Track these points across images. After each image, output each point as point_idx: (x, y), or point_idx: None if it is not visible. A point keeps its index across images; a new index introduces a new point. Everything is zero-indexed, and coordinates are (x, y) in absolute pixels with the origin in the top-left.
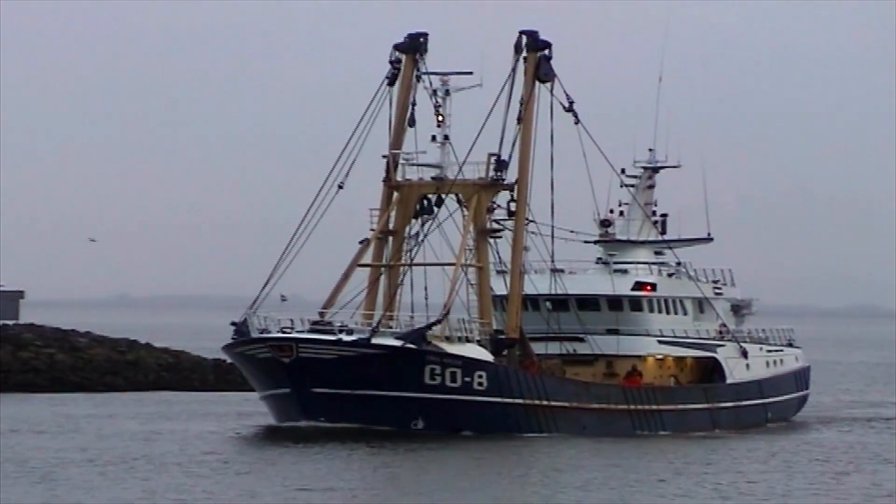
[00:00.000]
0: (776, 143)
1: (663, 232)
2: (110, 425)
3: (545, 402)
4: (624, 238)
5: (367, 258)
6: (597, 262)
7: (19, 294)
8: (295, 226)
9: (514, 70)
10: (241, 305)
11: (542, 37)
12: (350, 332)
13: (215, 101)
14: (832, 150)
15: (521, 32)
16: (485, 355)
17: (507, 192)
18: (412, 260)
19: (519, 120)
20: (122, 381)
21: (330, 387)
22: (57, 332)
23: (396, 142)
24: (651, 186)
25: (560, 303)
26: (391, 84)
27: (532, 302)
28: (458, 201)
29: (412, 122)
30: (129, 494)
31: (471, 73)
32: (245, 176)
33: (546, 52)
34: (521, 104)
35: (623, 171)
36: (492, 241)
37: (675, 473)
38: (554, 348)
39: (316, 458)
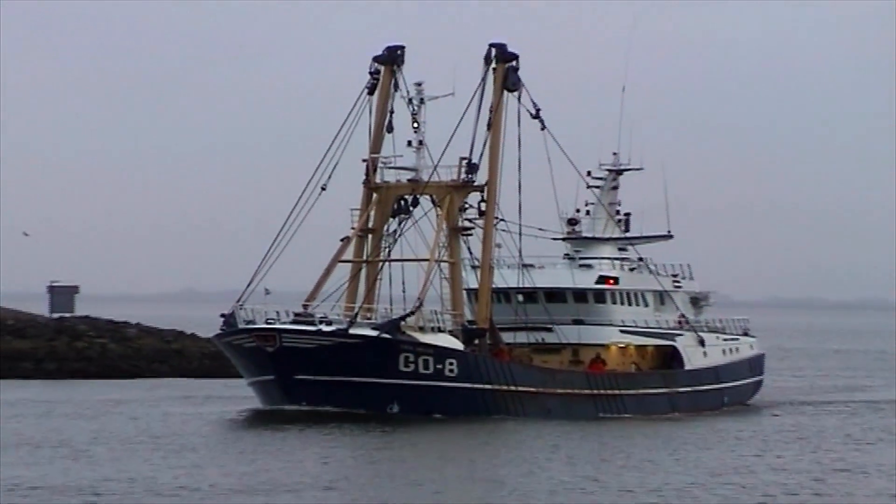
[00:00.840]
0: (739, 148)
1: (626, 230)
2: (137, 409)
3: (512, 388)
4: (589, 235)
5: (348, 254)
6: (564, 258)
7: (74, 289)
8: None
9: (483, 80)
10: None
11: (510, 49)
12: (330, 323)
13: (220, 108)
14: (797, 155)
15: (491, 45)
16: (456, 344)
17: (478, 193)
18: (390, 256)
19: (489, 126)
20: (168, 368)
21: (311, 373)
22: (109, 323)
23: (375, 146)
24: (615, 187)
25: (529, 295)
26: (371, 93)
27: (503, 294)
28: (433, 201)
29: (390, 129)
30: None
31: (446, 84)
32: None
33: (514, 63)
34: (491, 112)
35: (589, 173)
36: (464, 238)
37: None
38: (523, 338)
39: (296, 440)
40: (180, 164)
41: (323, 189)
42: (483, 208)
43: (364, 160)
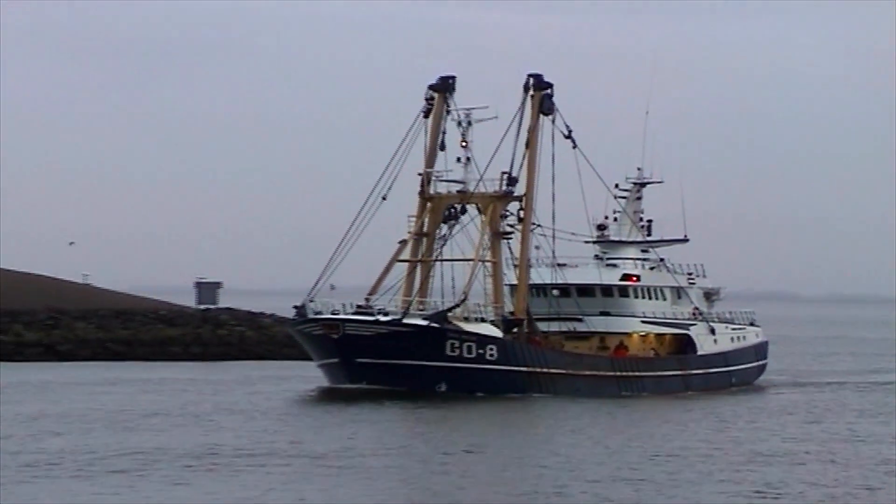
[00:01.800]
0: (752, 160)
1: (648, 234)
2: (263, 386)
3: (545, 370)
4: (616, 239)
5: (405, 255)
6: (593, 258)
7: (218, 284)
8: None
9: (522, 105)
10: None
11: (546, 79)
12: (386, 314)
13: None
14: (803, 167)
15: (529, 75)
16: (496, 332)
17: (517, 202)
18: (441, 256)
19: (527, 145)
20: (297, 352)
21: (370, 357)
22: (248, 313)
23: (430, 162)
24: (639, 198)
25: (563, 290)
26: (426, 116)
27: (540, 289)
28: (478, 209)
29: (442, 147)
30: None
31: (484, 107)
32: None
33: (549, 90)
34: (529, 132)
35: (616, 185)
36: (504, 240)
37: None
38: (557, 327)
39: (359, 413)
40: (283, 179)
41: (384, 199)
42: (521, 215)
43: (419, 174)
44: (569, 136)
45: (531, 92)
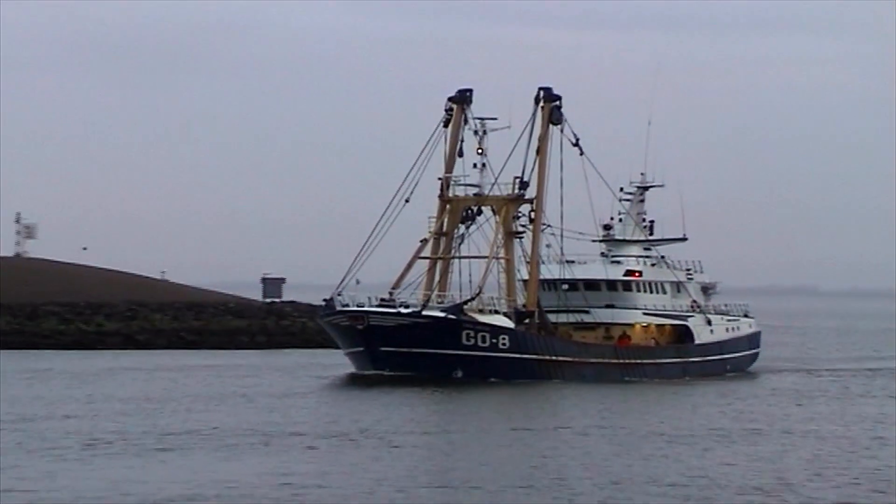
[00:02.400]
0: (749, 161)
1: (651, 233)
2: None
3: (553, 358)
4: (620, 238)
5: (426, 252)
6: (600, 256)
7: (282, 280)
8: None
9: (533, 115)
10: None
11: (555, 91)
12: (407, 307)
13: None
14: (801, 163)
15: (540, 88)
16: (508, 323)
17: (528, 205)
18: (458, 253)
19: (537, 152)
20: None
21: (392, 346)
22: (309, 306)
23: (449, 168)
24: (642, 200)
25: (571, 285)
26: (445, 126)
27: (551, 284)
28: (493, 211)
29: (460, 154)
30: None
31: (496, 118)
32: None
33: (557, 102)
34: (539, 141)
35: (621, 189)
36: (517, 239)
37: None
38: (566, 318)
39: (381, 396)
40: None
41: (406, 201)
42: (532, 216)
43: (439, 178)
44: (576, 144)
45: (541, 103)
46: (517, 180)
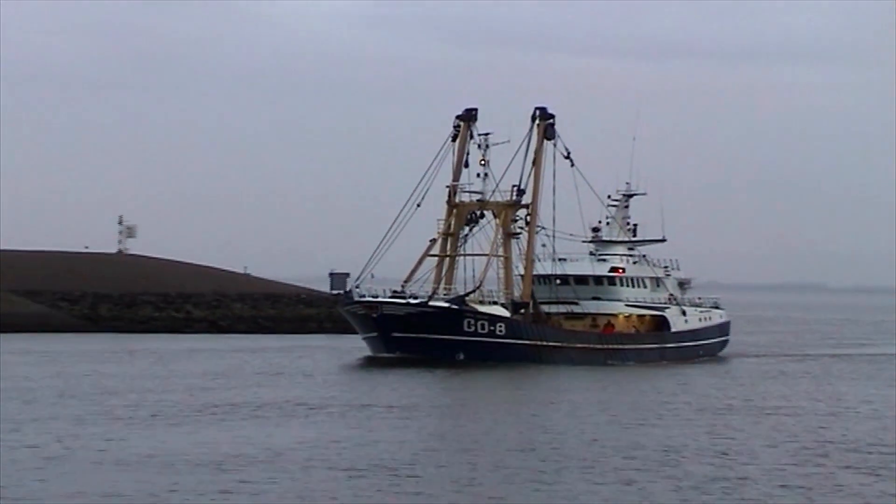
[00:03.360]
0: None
1: (634, 235)
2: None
3: (544, 343)
4: (607, 239)
5: (434, 251)
6: (589, 255)
7: (346, 275)
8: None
9: (530, 132)
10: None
11: (549, 111)
12: (416, 298)
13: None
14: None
15: (536, 108)
16: (505, 313)
17: (525, 209)
18: (464, 251)
19: (533, 164)
20: None
21: (403, 332)
22: None
23: (456, 176)
24: (626, 206)
25: (563, 280)
26: (453, 140)
27: (545, 279)
28: (493, 214)
29: (466, 164)
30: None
31: (491, 133)
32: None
33: (551, 120)
34: (535, 154)
35: (609, 196)
36: (514, 240)
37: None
38: (557, 309)
39: (393, 375)
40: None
41: (418, 206)
42: (528, 220)
43: (447, 186)
44: (568, 157)
45: (537, 121)
46: (515, 188)
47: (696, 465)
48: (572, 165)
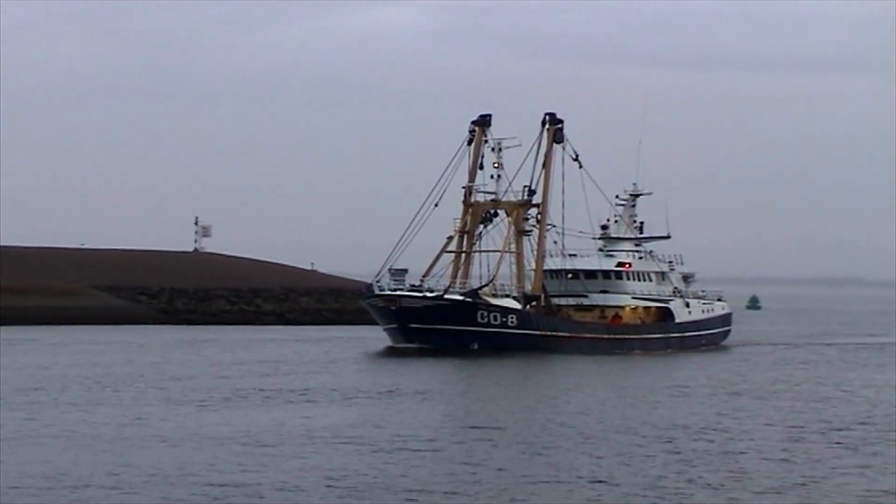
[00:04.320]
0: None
1: (641, 232)
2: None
3: (554, 333)
4: (615, 236)
5: (451, 247)
6: (598, 251)
7: (405, 271)
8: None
9: (540, 136)
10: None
11: (559, 116)
12: (432, 291)
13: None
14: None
15: (546, 114)
16: (516, 305)
17: (535, 209)
18: (479, 248)
19: (543, 166)
20: None
21: (420, 323)
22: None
23: (471, 178)
24: (633, 205)
25: (573, 274)
26: (469, 144)
27: (556, 273)
28: (506, 213)
29: (481, 167)
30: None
31: (515, 137)
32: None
33: (560, 125)
34: (545, 157)
35: (617, 196)
36: (526, 237)
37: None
38: (567, 301)
39: (413, 364)
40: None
41: (436, 205)
42: (538, 218)
43: (463, 187)
44: (576, 159)
45: (547, 126)
46: (526, 189)
47: (688, 442)
48: (580, 167)
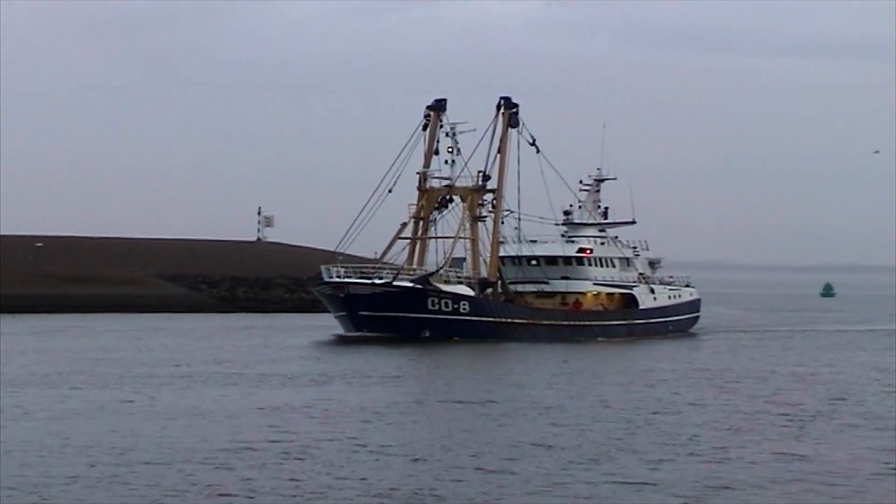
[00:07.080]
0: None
1: (605, 218)
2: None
3: (509, 320)
4: (578, 221)
5: (406, 234)
6: (560, 237)
7: (462, 259)
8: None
9: (495, 119)
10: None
11: (514, 100)
12: (381, 278)
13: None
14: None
15: (501, 97)
16: (469, 292)
17: (490, 194)
18: (435, 234)
19: (498, 151)
20: None
21: (369, 311)
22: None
23: (426, 163)
24: (598, 190)
25: (533, 260)
26: (424, 129)
27: (516, 259)
28: (461, 199)
29: (436, 152)
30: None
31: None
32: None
33: (515, 109)
34: (500, 141)
35: (581, 181)
36: (481, 223)
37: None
38: (528, 288)
39: (361, 351)
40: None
41: (390, 191)
42: (494, 203)
43: (418, 172)
44: (533, 144)
45: (502, 110)
46: (480, 174)
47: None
48: (538, 152)
